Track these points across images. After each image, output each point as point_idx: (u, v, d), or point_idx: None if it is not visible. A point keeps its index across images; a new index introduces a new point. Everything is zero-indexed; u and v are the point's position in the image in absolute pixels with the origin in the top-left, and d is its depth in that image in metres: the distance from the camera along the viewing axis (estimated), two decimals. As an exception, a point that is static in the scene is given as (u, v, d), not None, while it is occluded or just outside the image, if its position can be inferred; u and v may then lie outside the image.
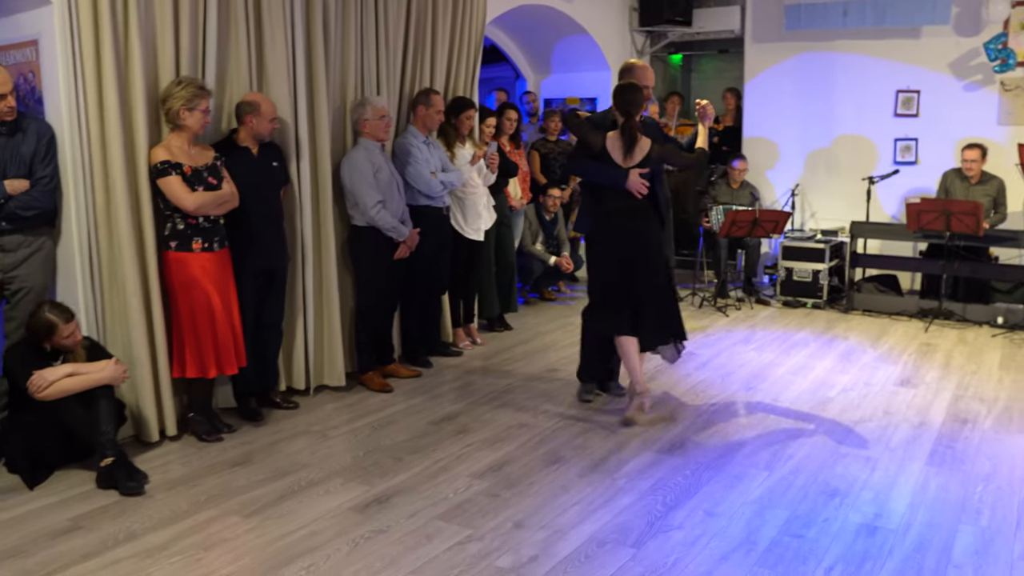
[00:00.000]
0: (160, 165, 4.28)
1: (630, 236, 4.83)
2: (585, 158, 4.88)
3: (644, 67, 5.04)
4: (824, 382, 5.70)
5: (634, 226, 4.84)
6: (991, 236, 7.25)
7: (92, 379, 4.06)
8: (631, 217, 4.84)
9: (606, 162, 4.77)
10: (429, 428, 4.83)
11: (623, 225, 4.84)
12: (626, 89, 4.75)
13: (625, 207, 4.82)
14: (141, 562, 3.36)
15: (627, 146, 4.73)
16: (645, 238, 4.85)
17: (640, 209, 4.84)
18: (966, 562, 3.35)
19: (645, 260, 4.82)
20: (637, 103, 4.72)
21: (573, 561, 3.34)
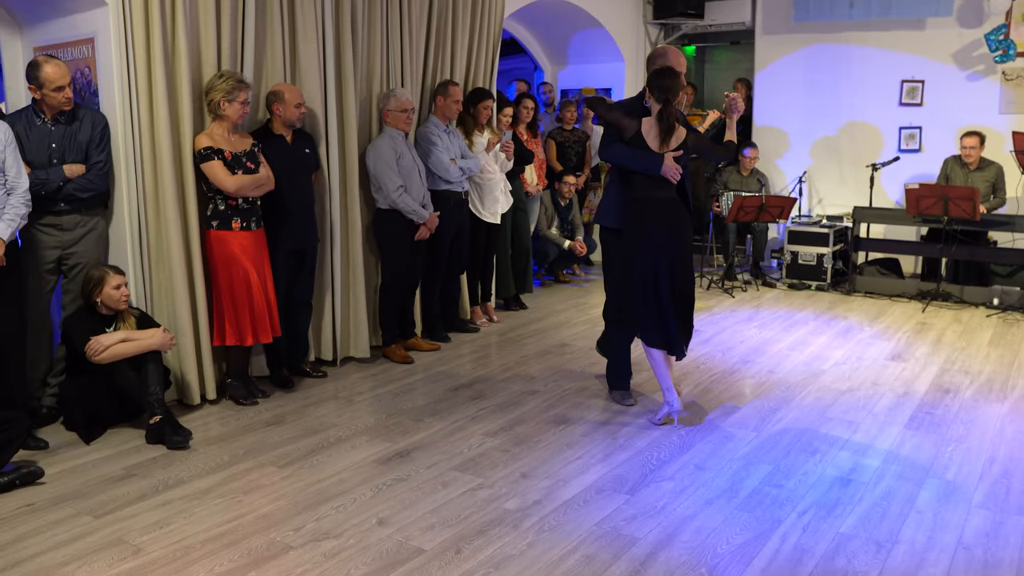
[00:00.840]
0: (203, 151, 4.71)
1: (664, 228, 4.61)
2: (618, 143, 4.66)
3: (677, 52, 4.88)
4: (819, 356, 6.06)
5: (668, 218, 4.63)
6: (987, 220, 7.55)
7: (143, 344, 4.50)
8: (664, 208, 4.63)
9: (640, 147, 4.60)
10: (447, 394, 5.24)
11: (656, 217, 4.62)
12: (663, 74, 4.57)
13: (657, 197, 4.62)
14: (189, 503, 3.79)
15: (663, 133, 4.55)
16: (680, 230, 4.67)
17: (673, 200, 4.65)
18: (927, 508, 3.72)
19: (681, 255, 4.65)
20: (674, 89, 4.56)
21: (573, 504, 3.74)
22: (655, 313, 4.61)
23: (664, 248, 4.58)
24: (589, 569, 3.21)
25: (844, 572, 3.19)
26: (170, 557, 3.31)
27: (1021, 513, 3.67)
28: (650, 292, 4.60)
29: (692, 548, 3.36)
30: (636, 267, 4.62)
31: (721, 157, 5.04)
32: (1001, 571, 3.21)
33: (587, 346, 6.26)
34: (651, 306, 4.61)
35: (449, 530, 3.51)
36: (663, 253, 4.58)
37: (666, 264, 4.58)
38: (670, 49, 4.93)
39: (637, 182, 4.66)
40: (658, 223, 4.61)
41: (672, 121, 4.57)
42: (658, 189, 4.61)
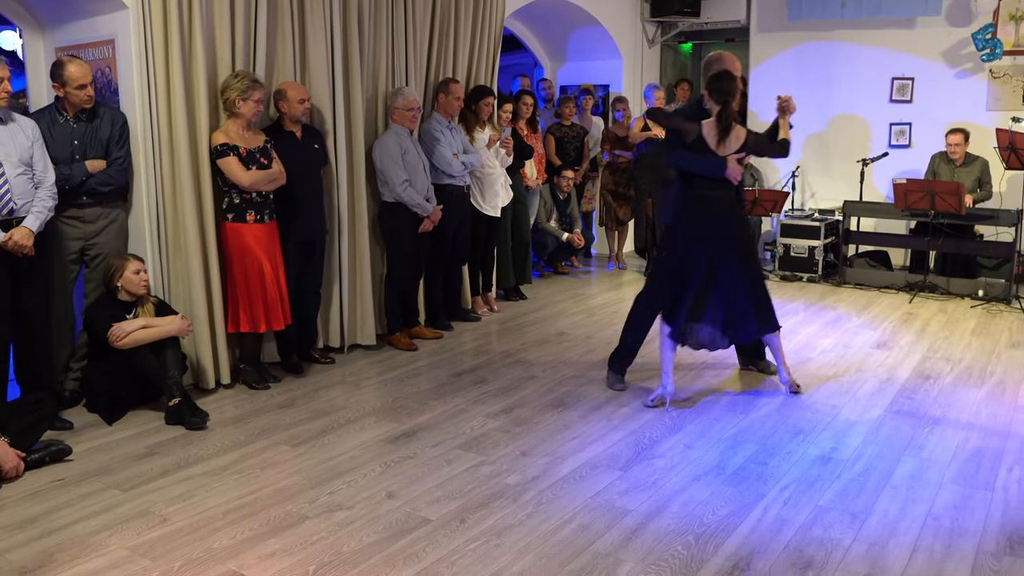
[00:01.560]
0: (220, 147, 4.95)
1: (721, 224, 4.91)
2: (681, 149, 4.90)
3: (732, 57, 5.07)
4: (807, 344, 6.31)
5: (725, 215, 4.94)
6: (972, 214, 7.79)
7: (162, 331, 4.75)
8: (722, 205, 4.93)
9: (702, 150, 4.84)
10: (450, 379, 5.49)
11: (714, 213, 4.91)
12: (722, 77, 4.80)
13: (716, 196, 4.91)
14: (209, 478, 4.04)
15: (722, 133, 4.79)
16: (737, 226, 5.00)
17: (731, 198, 4.95)
18: (902, 484, 3.97)
19: (737, 248, 4.92)
20: (733, 91, 4.78)
21: (569, 479, 4.00)
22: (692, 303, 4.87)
23: (719, 243, 4.88)
24: (584, 537, 3.46)
25: (820, 540, 3.44)
26: (195, 526, 3.56)
27: (988, 488, 3.92)
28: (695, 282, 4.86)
29: (680, 518, 3.62)
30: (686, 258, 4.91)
31: (777, 155, 5.18)
32: (966, 539, 3.46)
33: (584, 334, 6.52)
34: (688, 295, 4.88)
35: (454, 502, 3.76)
36: (719, 248, 4.87)
37: (720, 258, 4.86)
38: (725, 55, 5.12)
39: (697, 183, 4.94)
40: (715, 219, 4.92)
41: (730, 122, 4.82)
42: (717, 188, 4.91)
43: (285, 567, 3.24)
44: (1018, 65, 8.60)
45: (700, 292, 4.86)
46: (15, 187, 4.30)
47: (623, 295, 7.97)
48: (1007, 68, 8.65)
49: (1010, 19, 8.55)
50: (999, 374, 5.61)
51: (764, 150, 5.12)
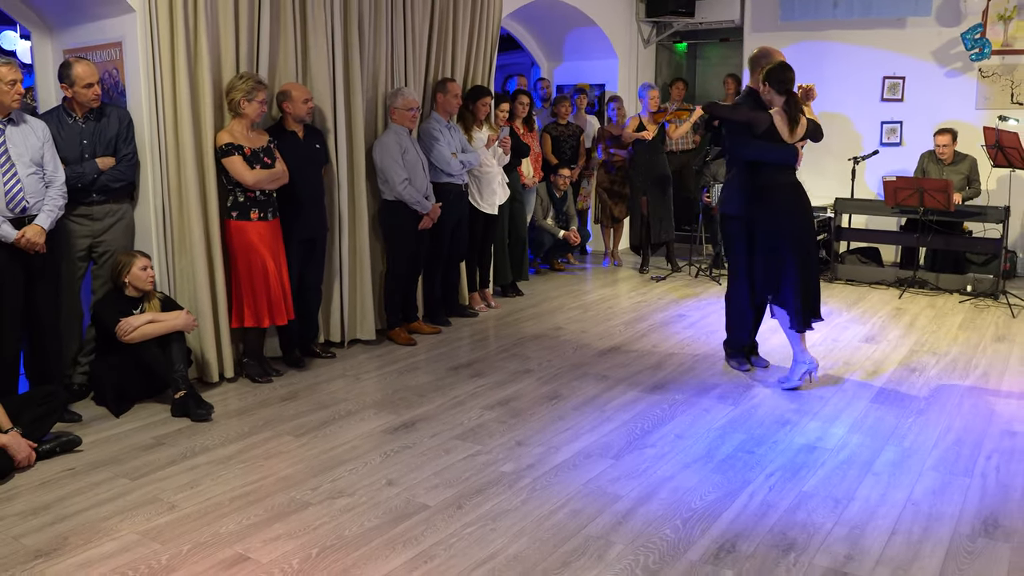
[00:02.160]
0: (225, 147, 5.10)
1: (793, 209, 5.17)
2: (753, 141, 5.11)
3: (778, 50, 5.42)
4: (797, 339, 6.44)
5: (796, 200, 5.19)
6: (961, 211, 7.93)
7: (168, 325, 4.89)
8: (792, 191, 5.19)
9: (771, 140, 5.08)
10: (448, 373, 5.63)
11: (787, 199, 5.17)
12: (784, 67, 5.06)
13: (785, 182, 5.17)
14: (215, 467, 4.18)
15: (792, 121, 5.05)
16: (806, 210, 5.23)
17: (797, 184, 5.22)
18: (884, 471, 4.12)
19: (808, 233, 5.19)
20: (793, 80, 5.05)
21: (563, 467, 4.14)
22: (780, 287, 5.21)
23: (792, 227, 5.15)
24: (576, 521, 3.60)
25: (803, 524, 3.59)
26: (202, 512, 3.70)
27: (967, 475, 4.07)
28: (777, 267, 5.19)
29: (669, 504, 3.76)
30: (767, 244, 5.21)
31: (821, 137, 5.41)
32: (943, 522, 3.60)
33: (579, 329, 6.67)
34: (774, 281, 5.22)
35: (451, 489, 3.90)
36: (791, 232, 5.14)
37: (793, 242, 5.13)
38: (770, 48, 5.47)
39: (764, 171, 5.18)
40: (788, 205, 5.18)
41: (798, 111, 5.08)
42: (784, 175, 5.18)
43: (289, 550, 3.39)
44: (1007, 64, 8.75)
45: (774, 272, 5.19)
46: (27, 186, 4.44)
47: (618, 291, 8.12)
48: (996, 67, 8.80)
49: (998, 19, 8.69)
50: (983, 367, 5.76)
51: (815, 135, 5.32)
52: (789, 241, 5.14)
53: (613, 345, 6.27)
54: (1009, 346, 6.25)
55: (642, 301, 7.68)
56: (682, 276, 8.77)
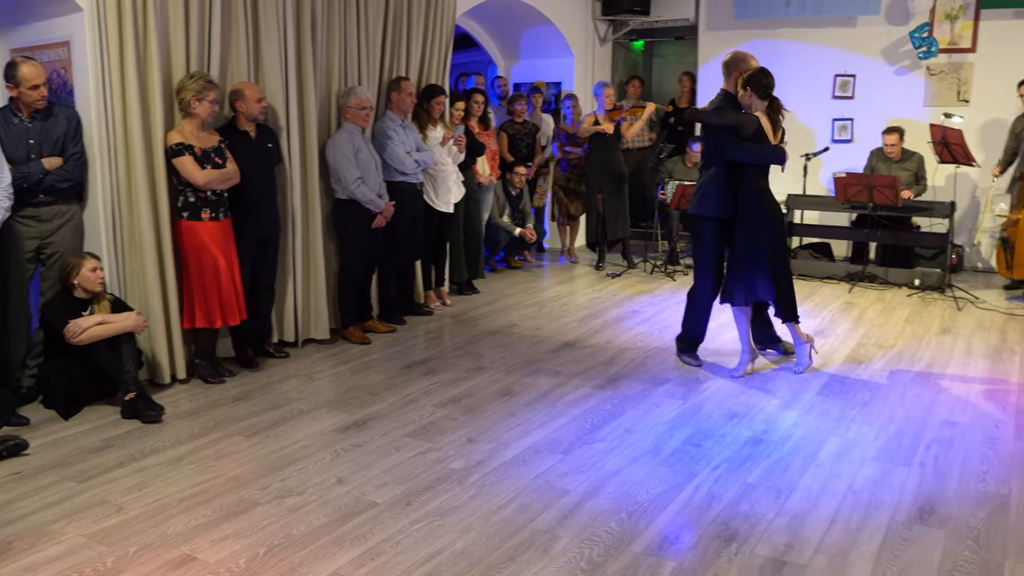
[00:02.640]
0: (175, 147, 5.08)
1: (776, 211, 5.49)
2: (744, 142, 5.27)
3: (752, 55, 5.59)
4: (748, 333, 6.54)
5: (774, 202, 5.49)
6: (909, 207, 8.09)
7: (118, 327, 4.86)
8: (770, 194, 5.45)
9: (759, 142, 5.27)
10: (401, 371, 5.65)
11: (771, 201, 5.44)
12: (764, 73, 5.25)
13: (767, 186, 5.43)
14: (164, 468, 4.17)
15: (775, 124, 5.30)
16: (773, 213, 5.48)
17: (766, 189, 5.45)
18: (826, 461, 4.20)
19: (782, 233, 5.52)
20: (773, 85, 5.26)
21: (513, 463, 4.18)
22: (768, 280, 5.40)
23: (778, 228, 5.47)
24: (524, 516, 3.65)
25: (746, 514, 3.66)
26: (150, 513, 3.70)
27: (907, 464, 4.16)
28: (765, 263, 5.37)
29: (615, 497, 3.82)
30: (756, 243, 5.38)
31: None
32: (882, 511, 3.69)
33: (534, 326, 6.71)
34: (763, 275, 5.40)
35: (400, 486, 3.93)
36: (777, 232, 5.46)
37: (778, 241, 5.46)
38: (745, 53, 5.64)
39: (749, 174, 5.36)
40: (773, 207, 5.45)
41: (780, 113, 5.32)
42: (765, 179, 5.43)
43: (236, 549, 3.40)
44: (953, 63, 8.92)
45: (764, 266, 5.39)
46: (-29, 188, 4.40)
47: (574, 288, 8.18)
48: (943, 65, 8.96)
49: (945, 18, 8.86)
50: (927, 359, 5.88)
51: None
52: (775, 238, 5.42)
53: (567, 341, 6.32)
54: (953, 338, 6.39)
55: (597, 298, 7.75)
56: (637, 273, 8.85)
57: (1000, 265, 7.91)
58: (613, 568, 3.23)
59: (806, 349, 5.61)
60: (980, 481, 3.98)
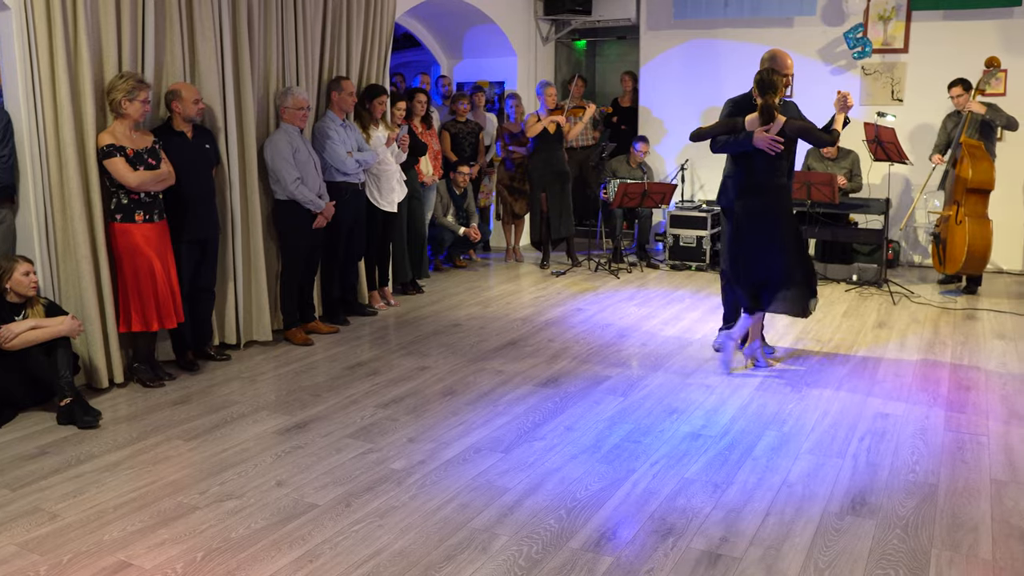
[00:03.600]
0: (106, 148, 5.00)
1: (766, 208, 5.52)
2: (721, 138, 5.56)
3: (783, 55, 5.69)
4: (689, 329, 6.63)
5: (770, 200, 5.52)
6: (846, 204, 8.25)
7: (52, 331, 4.78)
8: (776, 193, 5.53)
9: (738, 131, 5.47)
10: (344, 372, 5.63)
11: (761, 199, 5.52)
12: (764, 75, 5.42)
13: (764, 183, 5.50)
14: (100, 475, 4.11)
15: (764, 122, 5.37)
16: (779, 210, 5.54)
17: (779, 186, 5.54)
18: (763, 455, 4.28)
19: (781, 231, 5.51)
20: (771, 85, 5.37)
21: (453, 462, 4.20)
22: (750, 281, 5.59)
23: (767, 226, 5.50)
24: (463, 514, 3.66)
25: (683, 509, 3.71)
26: (85, 520, 3.65)
27: (841, 456, 4.26)
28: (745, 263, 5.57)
29: (555, 495, 3.85)
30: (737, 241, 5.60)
31: (825, 143, 5.66)
32: (815, 502, 3.77)
33: (478, 325, 6.73)
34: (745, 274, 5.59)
35: (340, 488, 3.92)
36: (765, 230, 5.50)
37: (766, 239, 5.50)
38: (777, 53, 5.74)
39: (748, 170, 5.54)
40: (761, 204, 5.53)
41: (770, 112, 5.37)
42: (765, 175, 5.50)
43: (174, 555, 3.37)
44: (887, 62, 9.11)
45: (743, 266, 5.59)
46: None
47: (518, 287, 8.21)
48: (877, 65, 9.15)
49: (879, 19, 9.05)
50: (863, 352, 6.01)
51: (807, 137, 5.54)
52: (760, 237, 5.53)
53: (511, 340, 6.35)
54: (888, 332, 6.54)
55: (541, 296, 7.79)
56: (582, 271, 8.91)
57: (934, 260, 8.10)
58: (551, 565, 3.26)
59: (754, 348, 5.72)
60: (910, 472, 4.08)
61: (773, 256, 5.51)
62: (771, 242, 5.51)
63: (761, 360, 5.72)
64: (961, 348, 6.11)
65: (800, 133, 5.49)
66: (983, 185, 7.44)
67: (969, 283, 7.93)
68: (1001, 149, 8.16)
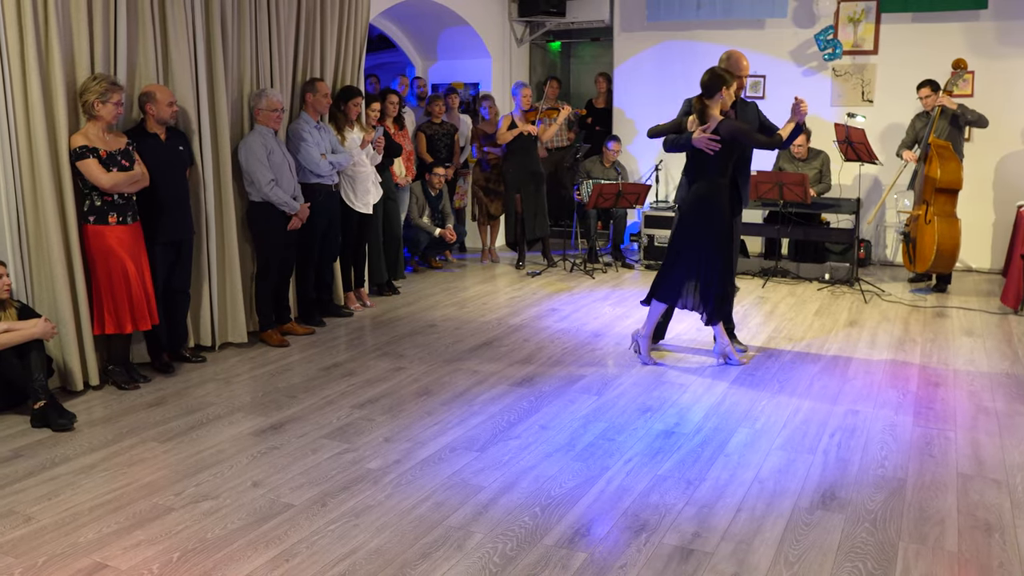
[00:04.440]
0: (79, 150, 4.99)
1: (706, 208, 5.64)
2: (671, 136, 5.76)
3: (738, 57, 5.88)
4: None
5: (709, 199, 5.64)
6: (817, 203, 8.34)
7: (25, 334, 4.76)
8: (712, 193, 5.64)
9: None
10: (320, 373, 5.65)
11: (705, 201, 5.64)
12: (705, 75, 5.57)
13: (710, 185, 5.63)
14: (75, 477, 4.11)
15: (700, 121, 5.55)
16: (712, 212, 5.64)
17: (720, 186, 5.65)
18: (735, 452, 4.34)
19: (713, 232, 5.64)
20: (710, 87, 5.50)
21: (428, 461, 4.22)
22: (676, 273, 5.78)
23: (699, 229, 5.66)
24: (438, 513, 3.69)
25: (656, 505, 3.76)
26: (60, 523, 3.65)
27: (811, 452, 4.32)
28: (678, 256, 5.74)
29: (529, 493, 3.88)
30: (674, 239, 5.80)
31: (759, 145, 5.72)
32: (785, 497, 3.83)
33: (454, 326, 6.76)
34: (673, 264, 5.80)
35: (316, 488, 3.94)
36: (697, 233, 5.66)
37: (700, 240, 5.63)
38: (733, 52, 5.95)
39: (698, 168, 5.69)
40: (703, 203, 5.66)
41: (704, 112, 5.53)
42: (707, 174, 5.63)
43: (149, 556, 3.37)
44: (857, 64, 9.22)
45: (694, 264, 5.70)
46: None
47: (495, 287, 8.24)
48: (848, 67, 9.26)
49: (849, 21, 9.15)
50: (834, 350, 6.09)
51: (743, 139, 5.62)
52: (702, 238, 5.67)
53: (486, 340, 6.38)
54: (859, 330, 6.62)
55: (517, 296, 7.83)
56: (557, 271, 8.96)
57: (904, 259, 8.21)
58: (525, 562, 3.30)
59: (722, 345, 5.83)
60: (879, 467, 4.15)
61: (702, 255, 5.63)
62: (704, 241, 5.62)
63: (733, 357, 5.78)
64: (930, 345, 6.21)
65: (734, 133, 5.56)
66: (951, 185, 7.56)
67: (939, 281, 8.05)
68: (969, 149, 8.29)
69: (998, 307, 7.31)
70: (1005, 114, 8.67)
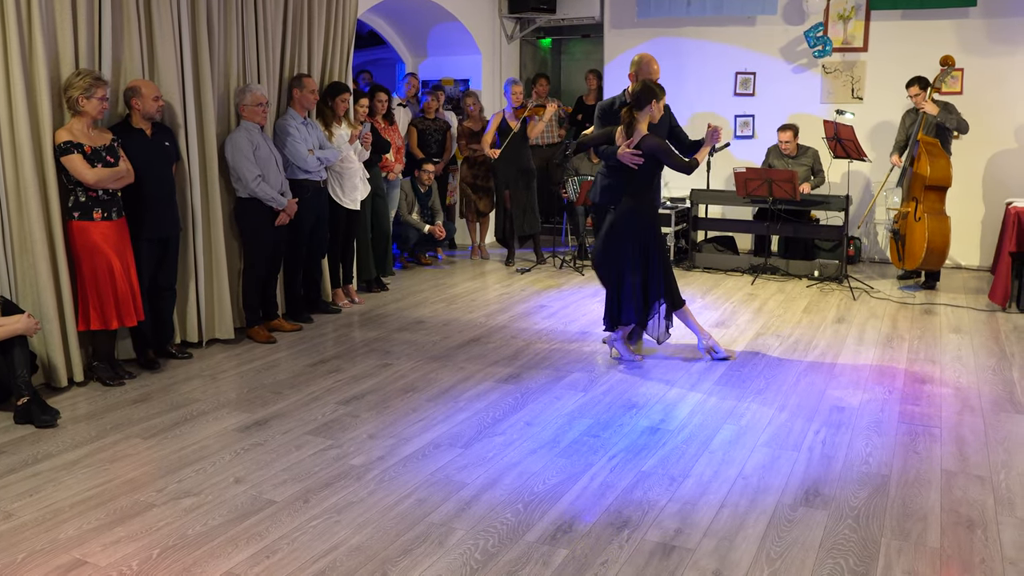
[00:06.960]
0: (63, 145, 4.97)
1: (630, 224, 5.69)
2: (604, 145, 5.76)
3: (648, 61, 5.88)
4: (651, 326, 6.68)
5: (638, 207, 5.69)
6: (807, 200, 8.34)
7: (8, 330, 4.73)
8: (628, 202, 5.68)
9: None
10: (306, 370, 5.63)
11: (626, 215, 5.68)
12: (636, 85, 5.60)
13: (630, 203, 5.67)
14: (57, 473, 4.09)
15: (626, 131, 5.57)
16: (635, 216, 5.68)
17: (646, 200, 5.74)
18: (719, 449, 4.33)
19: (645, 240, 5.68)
20: (641, 98, 5.51)
21: (412, 458, 4.21)
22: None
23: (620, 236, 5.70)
24: (421, 509, 3.68)
25: (639, 502, 3.75)
26: (41, 519, 3.63)
27: (796, 449, 4.32)
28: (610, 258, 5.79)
29: (512, 489, 3.87)
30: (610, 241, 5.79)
31: (677, 167, 5.67)
32: (769, 494, 3.82)
33: (442, 323, 6.75)
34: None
35: (299, 484, 3.93)
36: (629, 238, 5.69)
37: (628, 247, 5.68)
38: (644, 56, 5.96)
39: (627, 178, 5.65)
40: (624, 219, 5.69)
41: (631, 125, 5.55)
42: (620, 182, 5.68)
43: (129, 552, 3.36)
44: (847, 61, 9.23)
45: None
46: None
47: (483, 284, 8.23)
48: (837, 64, 9.26)
49: (839, 18, 9.16)
50: (822, 347, 6.09)
51: (664, 156, 5.60)
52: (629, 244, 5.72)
53: (473, 337, 6.37)
54: (847, 327, 6.62)
55: (505, 293, 7.82)
56: (546, 268, 8.96)
57: (893, 256, 8.22)
58: (507, 558, 3.29)
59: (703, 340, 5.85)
60: (863, 463, 4.15)
61: (638, 262, 5.67)
62: (631, 248, 5.66)
63: (719, 351, 5.78)
64: (918, 342, 6.21)
65: (654, 151, 5.58)
66: (940, 182, 7.56)
67: (928, 278, 8.06)
68: (957, 147, 8.29)
69: (986, 304, 7.32)
70: (994, 112, 8.69)
